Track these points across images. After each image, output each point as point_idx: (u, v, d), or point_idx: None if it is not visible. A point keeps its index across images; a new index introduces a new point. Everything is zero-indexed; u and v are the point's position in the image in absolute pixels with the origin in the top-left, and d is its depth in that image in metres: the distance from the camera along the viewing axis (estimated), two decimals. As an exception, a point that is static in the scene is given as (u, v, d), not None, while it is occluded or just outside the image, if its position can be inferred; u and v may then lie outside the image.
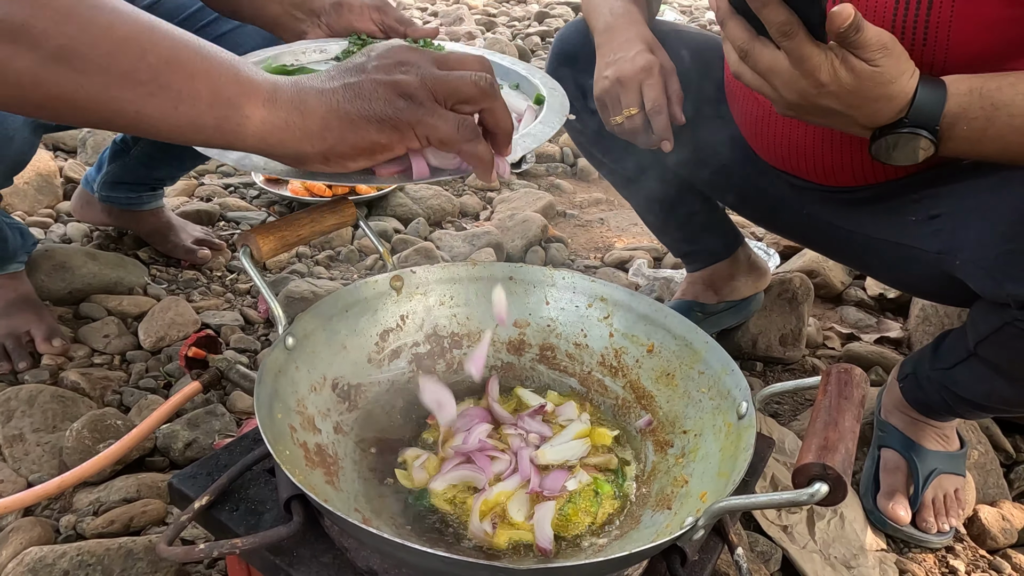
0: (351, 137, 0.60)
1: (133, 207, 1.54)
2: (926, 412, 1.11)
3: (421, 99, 0.60)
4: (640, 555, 0.55)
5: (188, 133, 0.57)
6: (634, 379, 0.84)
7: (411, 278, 0.87)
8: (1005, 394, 0.94)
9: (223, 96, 0.57)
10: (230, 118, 0.57)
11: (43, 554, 0.85)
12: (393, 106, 0.60)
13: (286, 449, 0.64)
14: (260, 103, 0.58)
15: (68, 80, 0.51)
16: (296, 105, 0.59)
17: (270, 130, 0.59)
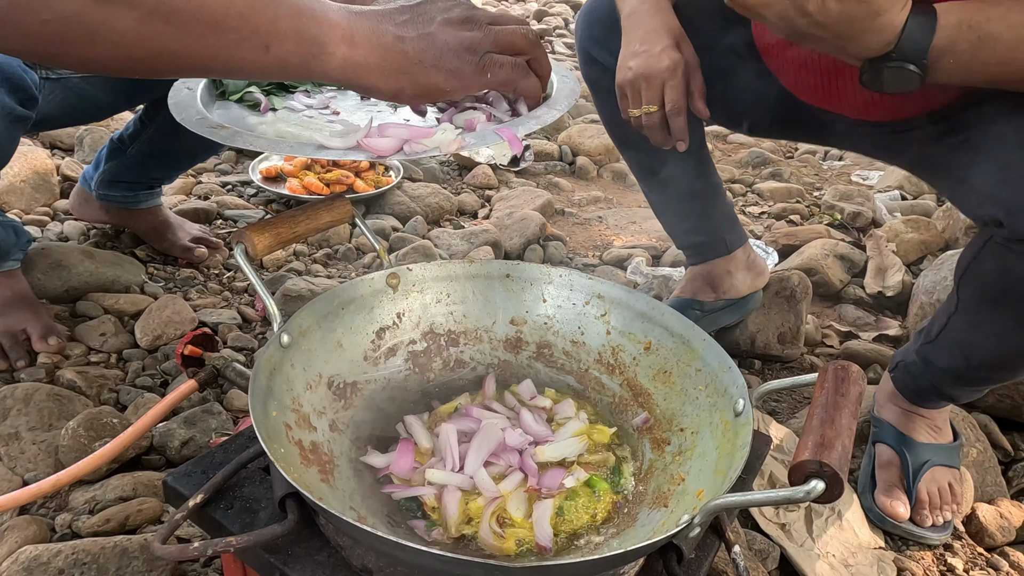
0: (422, 80, 0.67)
1: (130, 205, 1.53)
2: (916, 399, 1.12)
3: (483, 51, 0.69)
4: (636, 552, 0.55)
5: (275, 71, 0.63)
6: (631, 377, 0.84)
7: (407, 275, 0.87)
8: (986, 346, 0.96)
9: (307, 35, 0.62)
10: (315, 56, 0.63)
11: (38, 552, 0.85)
12: (461, 59, 0.67)
13: (281, 447, 0.64)
14: (340, 40, 0.64)
15: (167, 34, 0.56)
16: (374, 46, 0.65)
17: (350, 66, 0.65)
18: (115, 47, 0.55)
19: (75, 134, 2.01)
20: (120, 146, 1.47)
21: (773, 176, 2.44)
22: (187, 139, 1.44)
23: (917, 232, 1.85)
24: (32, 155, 1.73)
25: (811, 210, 2.20)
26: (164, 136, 1.43)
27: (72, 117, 1.30)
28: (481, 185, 2.17)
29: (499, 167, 2.27)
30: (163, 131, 1.42)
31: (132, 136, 1.46)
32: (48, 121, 1.22)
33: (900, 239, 1.82)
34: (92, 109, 1.27)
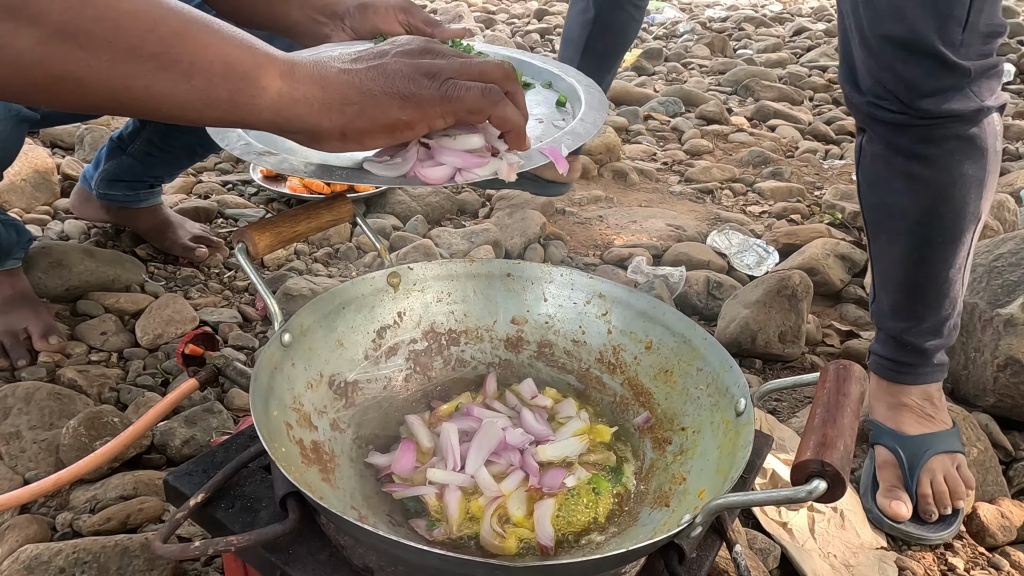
0: (371, 111, 0.58)
1: (131, 204, 1.53)
2: (894, 375, 1.12)
3: (445, 77, 0.60)
4: (637, 552, 0.55)
5: (201, 109, 0.55)
6: (632, 376, 0.83)
7: (408, 275, 0.87)
8: (894, 260, 1.05)
9: (238, 68, 0.55)
10: (244, 91, 0.55)
11: (39, 551, 0.85)
12: (417, 84, 0.59)
13: (282, 446, 0.64)
14: (277, 75, 0.56)
15: (73, 57, 0.49)
16: (315, 79, 0.58)
17: (287, 103, 0.57)
18: (12, 68, 0.47)
19: (75, 133, 2.01)
20: (120, 145, 1.47)
21: (773, 175, 2.43)
22: (186, 138, 1.45)
23: (918, 231, 1.85)
24: (33, 154, 1.73)
25: (812, 209, 2.20)
26: (163, 135, 1.43)
27: (72, 114, 1.30)
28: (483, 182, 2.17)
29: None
30: (162, 130, 1.42)
31: (131, 135, 1.46)
32: (49, 119, 1.22)
33: (901, 238, 1.82)
34: None
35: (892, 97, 0.95)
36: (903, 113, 0.95)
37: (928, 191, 0.98)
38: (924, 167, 0.97)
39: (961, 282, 1.06)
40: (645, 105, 3.07)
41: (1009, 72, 3.77)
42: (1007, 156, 2.64)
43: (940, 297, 1.05)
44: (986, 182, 0.99)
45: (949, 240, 1.01)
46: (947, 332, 1.10)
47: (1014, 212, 1.90)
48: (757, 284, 1.53)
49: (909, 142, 0.97)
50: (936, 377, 1.13)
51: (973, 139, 0.95)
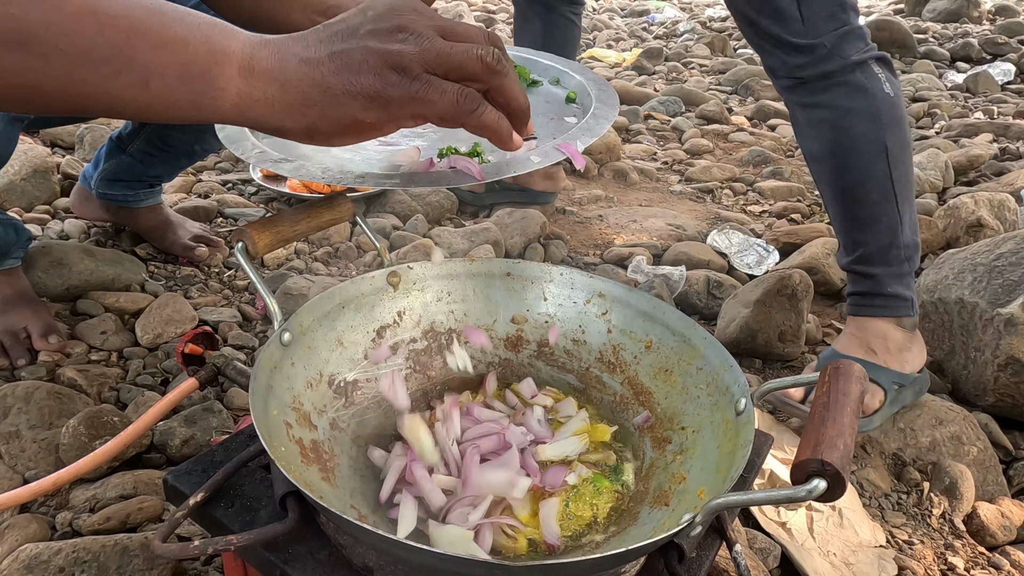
0: (333, 113, 0.53)
1: (131, 204, 1.53)
2: (856, 309, 1.26)
3: (416, 72, 0.53)
4: (637, 551, 0.55)
5: (162, 111, 0.52)
6: (632, 375, 0.83)
7: (408, 274, 0.87)
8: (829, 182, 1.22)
9: (195, 69, 0.51)
10: (204, 93, 0.52)
11: (39, 551, 0.85)
12: (383, 80, 0.52)
13: (281, 446, 0.64)
14: (235, 73, 0.52)
15: (27, 66, 0.47)
16: (275, 76, 0.53)
17: (248, 104, 0.53)
18: None
19: (75, 132, 2.01)
20: (119, 145, 1.47)
21: (774, 175, 2.43)
22: (185, 137, 1.44)
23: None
24: (32, 153, 1.73)
25: (812, 209, 2.20)
26: (162, 135, 1.43)
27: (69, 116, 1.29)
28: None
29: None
30: (161, 130, 1.42)
31: (131, 135, 1.46)
32: (47, 120, 1.22)
33: (901, 238, 1.82)
34: None
35: (781, 74, 1.22)
36: (792, 80, 1.21)
37: (827, 129, 1.20)
38: (820, 111, 1.20)
39: (896, 215, 1.20)
40: (645, 104, 3.07)
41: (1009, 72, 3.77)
42: (1007, 156, 2.64)
43: (872, 222, 1.21)
44: (879, 116, 1.17)
45: (858, 167, 1.19)
46: (894, 260, 1.22)
47: (1014, 212, 1.90)
48: (757, 283, 1.53)
49: (806, 98, 1.22)
50: (894, 311, 1.23)
51: (852, 82, 1.17)
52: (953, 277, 1.44)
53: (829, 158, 1.22)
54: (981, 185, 2.31)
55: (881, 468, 1.19)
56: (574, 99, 0.90)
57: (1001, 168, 2.45)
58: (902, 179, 1.19)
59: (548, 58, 1.00)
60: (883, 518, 1.11)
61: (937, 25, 4.88)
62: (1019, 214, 1.91)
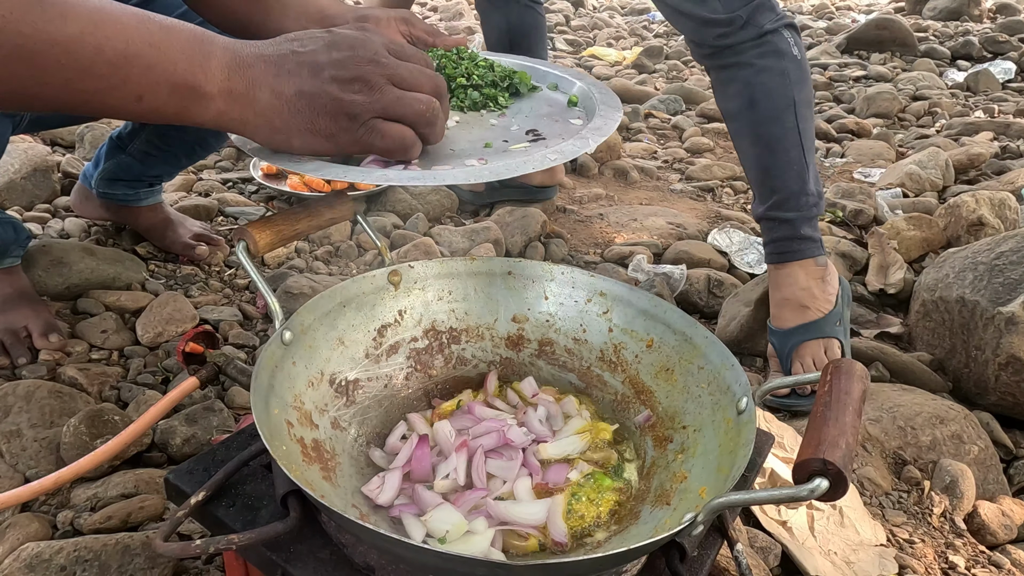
0: (295, 142, 0.64)
1: (131, 203, 1.53)
2: (775, 258, 1.37)
3: (364, 119, 0.64)
4: (639, 551, 0.55)
5: (151, 119, 0.61)
6: (633, 374, 0.83)
7: (409, 273, 0.87)
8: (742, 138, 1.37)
9: (182, 88, 0.59)
10: (189, 108, 0.60)
11: (40, 550, 0.85)
12: (337, 124, 0.64)
13: (283, 445, 0.64)
14: (216, 93, 0.61)
15: (30, 77, 0.52)
16: (249, 101, 0.62)
17: (226, 120, 0.63)
18: None
19: (76, 131, 2.00)
20: (119, 144, 1.47)
21: (775, 173, 2.43)
22: (185, 137, 1.44)
23: (919, 229, 1.85)
24: (33, 152, 1.73)
25: (813, 207, 2.19)
26: (161, 134, 1.43)
27: (68, 117, 1.29)
28: (482, 182, 2.17)
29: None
30: (160, 130, 1.42)
31: (130, 134, 1.46)
32: (44, 121, 1.22)
33: (902, 236, 1.82)
34: None
35: (702, 44, 1.33)
36: (711, 48, 1.32)
37: (743, 86, 1.32)
38: (737, 71, 1.32)
39: (804, 163, 1.33)
40: (646, 103, 3.06)
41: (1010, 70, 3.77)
42: (1008, 154, 2.63)
43: (785, 169, 1.33)
44: (788, 74, 1.30)
45: (771, 118, 1.31)
46: (804, 206, 1.34)
47: (1015, 210, 1.90)
48: (758, 282, 1.53)
49: (724, 60, 1.33)
50: (809, 252, 1.35)
51: (765, 44, 1.29)
52: (954, 276, 1.44)
53: (746, 111, 1.34)
54: (982, 184, 2.31)
55: (882, 467, 1.19)
56: (576, 103, 0.91)
57: (1002, 167, 2.44)
58: (807, 132, 1.33)
59: (547, 65, 1.02)
60: (884, 517, 1.11)
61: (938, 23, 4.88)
62: (1020, 213, 1.91)
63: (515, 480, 0.71)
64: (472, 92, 0.90)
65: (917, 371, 1.40)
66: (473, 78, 0.91)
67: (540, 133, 0.81)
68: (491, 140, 0.79)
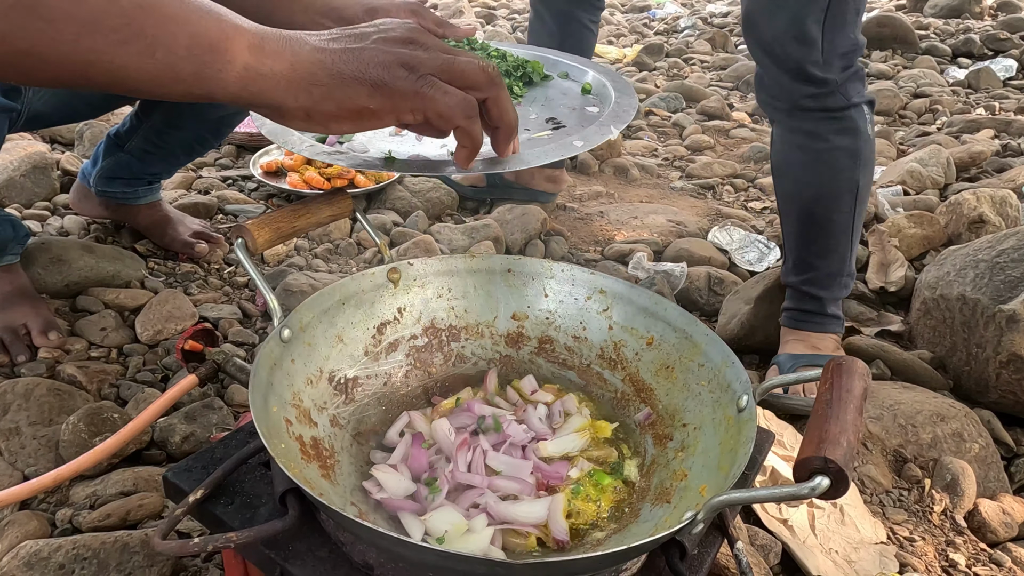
0: (339, 95, 0.57)
1: (130, 201, 1.53)
2: (795, 323, 1.37)
3: (423, 72, 0.58)
4: (639, 549, 0.54)
5: (167, 83, 0.54)
6: (633, 372, 0.83)
7: (408, 270, 0.86)
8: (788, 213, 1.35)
9: (204, 40, 0.53)
10: (211, 64, 0.54)
11: (38, 547, 0.84)
12: (391, 73, 0.57)
13: (281, 443, 0.63)
14: (244, 47, 0.55)
15: (36, 31, 0.48)
16: (285, 55, 0.56)
17: (253, 78, 0.55)
18: None
19: (75, 128, 2.00)
20: (117, 142, 1.46)
21: (775, 171, 2.43)
22: (183, 135, 1.44)
23: (920, 227, 1.84)
24: (32, 149, 1.72)
25: (813, 205, 2.19)
26: (159, 132, 1.42)
27: (66, 114, 1.29)
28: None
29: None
30: (158, 127, 1.42)
31: (128, 132, 1.45)
32: (42, 119, 1.21)
33: (903, 234, 1.82)
34: (85, 106, 1.27)
35: (781, 98, 1.27)
36: (790, 106, 1.27)
37: (812, 158, 1.28)
38: (809, 140, 1.27)
39: (849, 248, 1.33)
40: (646, 101, 3.06)
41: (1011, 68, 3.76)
42: (1009, 152, 2.63)
43: (828, 252, 1.32)
44: (860, 156, 1.27)
45: (829, 199, 1.29)
46: (837, 287, 1.36)
47: (1016, 208, 1.89)
48: (758, 280, 1.53)
49: (799, 126, 1.28)
50: (831, 328, 1.37)
51: (845, 119, 1.25)
52: (955, 274, 1.44)
53: (805, 185, 1.30)
54: (983, 181, 2.31)
55: (882, 465, 1.19)
56: (589, 90, 0.92)
57: (1003, 164, 2.44)
58: (860, 215, 1.32)
59: (556, 54, 1.02)
60: (884, 515, 1.11)
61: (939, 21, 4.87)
62: (1021, 210, 1.90)
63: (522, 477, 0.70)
64: None
65: (918, 369, 1.40)
66: None
67: (560, 121, 0.83)
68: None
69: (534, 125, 0.82)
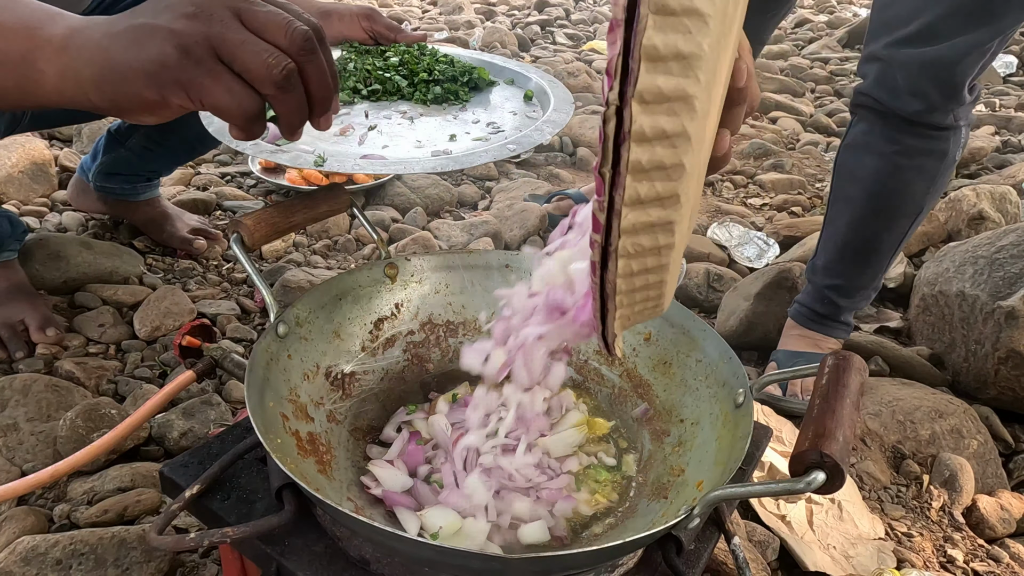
0: (123, 90, 0.52)
1: (128, 197, 1.53)
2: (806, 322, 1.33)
3: (198, 55, 0.50)
4: (634, 544, 0.54)
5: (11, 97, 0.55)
6: (631, 368, 0.83)
7: (406, 266, 0.86)
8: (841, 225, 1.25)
9: (15, 54, 0.53)
10: (27, 76, 0.54)
11: (36, 543, 0.84)
12: (162, 59, 0.50)
13: (277, 438, 0.63)
14: (52, 55, 0.53)
15: None
16: (81, 53, 0.53)
17: (63, 84, 0.54)
18: None
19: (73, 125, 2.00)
20: (118, 138, 1.46)
21: (775, 167, 2.42)
22: (184, 134, 1.44)
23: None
24: (30, 145, 1.72)
25: (812, 201, 2.19)
26: (161, 130, 1.42)
27: (68, 115, 1.29)
28: (481, 176, 2.16)
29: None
30: (160, 126, 1.41)
31: (130, 129, 1.45)
32: (43, 119, 1.21)
33: (902, 231, 1.81)
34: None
35: (896, 101, 1.15)
36: (892, 111, 1.16)
37: (888, 168, 1.18)
38: (894, 151, 1.17)
39: (885, 267, 1.28)
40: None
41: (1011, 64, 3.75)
42: (1009, 148, 2.62)
43: (866, 266, 1.27)
44: (937, 180, 1.18)
45: (889, 216, 1.21)
46: (860, 299, 1.32)
47: (1016, 204, 1.89)
48: (757, 276, 1.52)
49: (891, 134, 1.17)
50: (838, 334, 1.34)
51: (939, 140, 1.16)
52: (954, 270, 1.44)
53: (871, 195, 1.21)
54: (983, 178, 2.30)
55: (881, 461, 1.19)
56: (531, 97, 0.98)
57: (1003, 161, 2.44)
58: (909, 237, 1.25)
59: (503, 60, 1.08)
60: (882, 511, 1.11)
61: (939, 17, 4.86)
62: (1021, 207, 1.90)
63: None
64: (435, 87, 0.95)
65: (916, 365, 1.40)
66: (435, 73, 0.96)
67: (499, 126, 0.87)
68: (455, 132, 0.85)
69: (475, 129, 0.87)
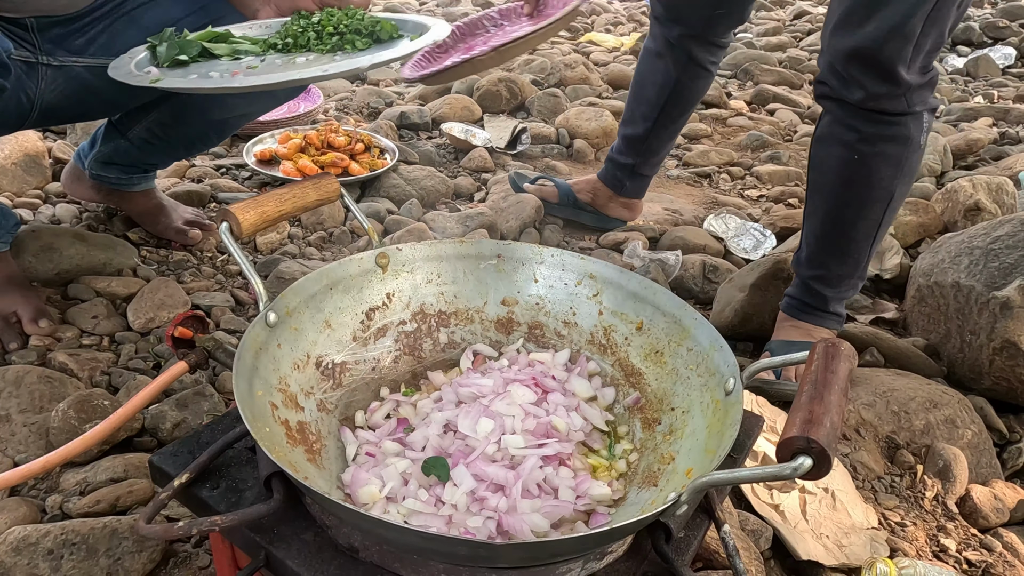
0: None
1: (124, 187, 1.52)
2: (796, 313, 1.34)
3: None
4: (622, 530, 0.54)
5: None
6: (623, 357, 0.83)
7: (397, 255, 0.86)
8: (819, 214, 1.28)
9: None
10: None
11: (27, 533, 0.84)
12: None
13: (266, 427, 0.63)
14: None
15: None
16: None
17: None
18: None
19: (67, 117, 1.99)
20: (119, 128, 1.45)
21: (772, 159, 2.42)
22: (187, 130, 1.43)
23: (915, 215, 1.84)
24: (23, 137, 1.71)
25: (809, 193, 2.18)
26: (164, 125, 1.41)
27: (77, 110, 1.28)
28: (477, 168, 2.16)
29: (496, 150, 2.25)
30: (165, 120, 1.40)
31: (131, 120, 1.43)
32: (52, 112, 1.20)
33: (898, 222, 1.81)
34: (97, 102, 1.25)
35: (844, 90, 1.18)
36: (848, 102, 1.18)
37: (851, 156, 1.21)
38: (856, 140, 1.20)
39: (866, 255, 1.29)
40: (643, 89, 3.04)
41: (1010, 56, 3.75)
42: (1007, 140, 2.62)
43: (846, 255, 1.28)
44: (903, 165, 1.20)
45: (860, 204, 1.24)
46: (846, 288, 1.33)
47: (1012, 195, 1.89)
48: (753, 267, 1.52)
49: (851, 122, 1.20)
50: (829, 324, 1.34)
51: (898, 126, 1.18)
52: (950, 261, 1.43)
53: (839, 184, 1.24)
54: (979, 169, 2.30)
55: (874, 451, 1.19)
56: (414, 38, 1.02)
57: (1000, 152, 2.43)
58: (886, 225, 1.27)
59: (418, 18, 1.10)
60: (876, 500, 1.11)
61: (938, 9, 4.84)
62: (1017, 198, 1.90)
63: None
64: (334, 37, 0.99)
65: (912, 356, 1.40)
66: (340, 27, 1.00)
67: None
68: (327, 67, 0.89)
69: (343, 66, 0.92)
